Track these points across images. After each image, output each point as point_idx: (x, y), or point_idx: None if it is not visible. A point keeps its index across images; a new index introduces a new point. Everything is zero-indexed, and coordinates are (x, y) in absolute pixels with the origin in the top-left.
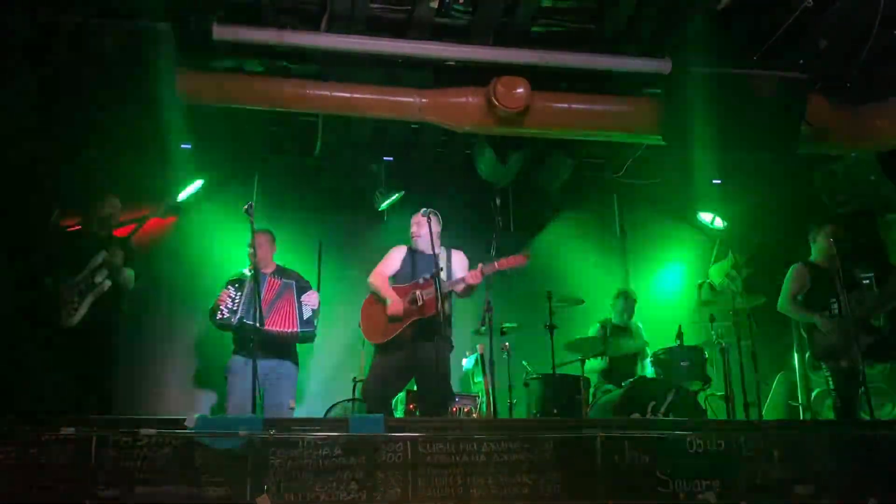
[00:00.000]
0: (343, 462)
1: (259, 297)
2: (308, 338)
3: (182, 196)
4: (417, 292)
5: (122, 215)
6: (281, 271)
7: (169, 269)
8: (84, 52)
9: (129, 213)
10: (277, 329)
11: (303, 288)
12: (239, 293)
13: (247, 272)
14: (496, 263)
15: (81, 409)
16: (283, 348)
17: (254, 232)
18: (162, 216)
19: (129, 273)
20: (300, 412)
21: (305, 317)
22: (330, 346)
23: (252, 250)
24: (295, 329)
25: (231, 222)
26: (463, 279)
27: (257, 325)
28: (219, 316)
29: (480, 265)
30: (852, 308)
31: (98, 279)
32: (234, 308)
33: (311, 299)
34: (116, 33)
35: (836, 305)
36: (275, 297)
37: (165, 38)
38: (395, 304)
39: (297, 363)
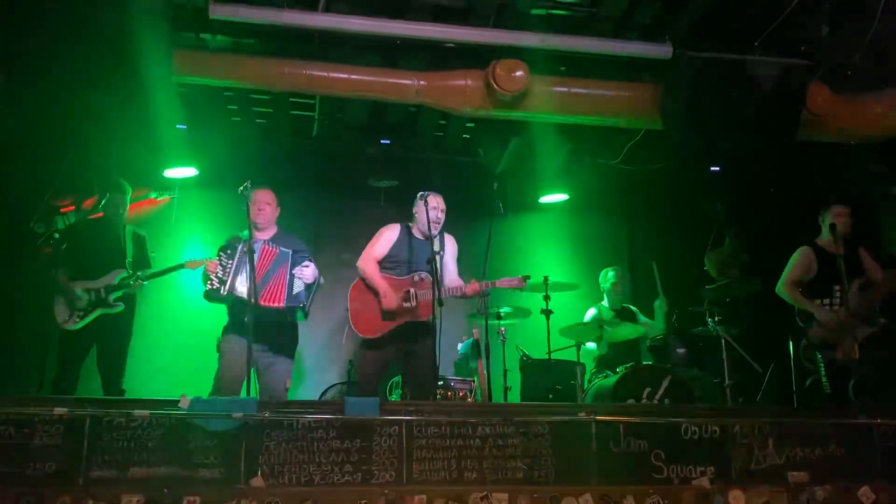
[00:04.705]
0: (338, 445)
1: (252, 266)
2: (292, 312)
3: (169, 173)
4: (412, 290)
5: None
6: (281, 237)
7: (163, 250)
8: (75, 28)
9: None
10: (266, 304)
11: (301, 257)
12: (230, 261)
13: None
14: (496, 282)
15: None
16: (280, 329)
17: (254, 190)
18: (157, 196)
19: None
20: (293, 394)
21: (295, 291)
22: (324, 328)
23: (253, 209)
24: (281, 304)
25: (226, 203)
26: (461, 289)
27: (252, 299)
28: (208, 286)
29: (474, 281)
30: (852, 297)
31: (111, 299)
32: (224, 277)
33: (304, 273)
34: (109, 9)
35: (837, 293)
36: (270, 268)
37: (161, 15)
38: (389, 299)
39: (294, 345)
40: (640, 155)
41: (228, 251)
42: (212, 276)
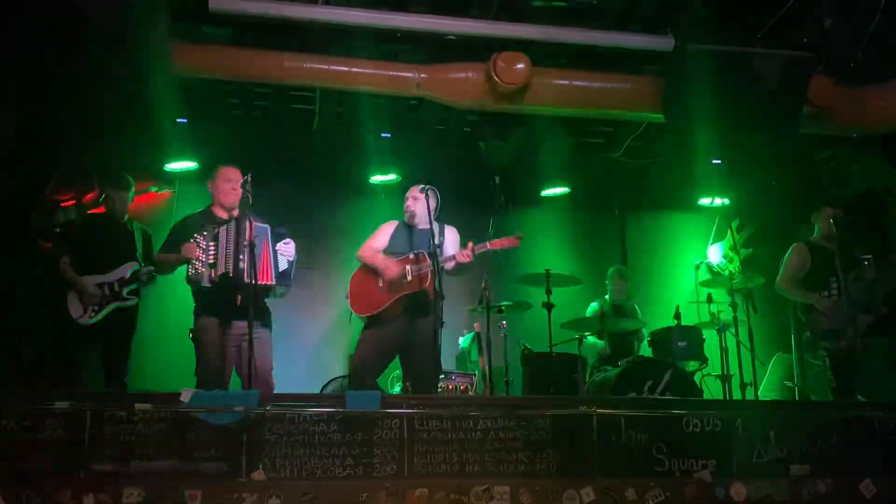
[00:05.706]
0: (339, 438)
1: (252, 246)
2: (281, 293)
3: (170, 166)
4: (408, 266)
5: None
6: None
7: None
8: (74, 21)
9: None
10: (258, 282)
11: (279, 235)
12: (213, 243)
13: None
14: (488, 243)
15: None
16: (260, 303)
17: (229, 168)
18: (158, 190)
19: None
20: (292, 388)
21: (281, 268)
22: (324, 323)
23: (226, 187)
24: (270, 281)
25: None
26: (453, 257)
27: (251, 280)
28: (191, 271)
29: (471, 244)
30: (851, 288)
31: (124, 292)
32: (213, 261)
33: (287, 249)
34: (109, 2)
35: (835, 285)
36: (256, 246)
37: (160, 8)
38: (390, 267)
39: (271, 319)
40: (641, 148)
41: (205, 233)
42: (194, 261)
